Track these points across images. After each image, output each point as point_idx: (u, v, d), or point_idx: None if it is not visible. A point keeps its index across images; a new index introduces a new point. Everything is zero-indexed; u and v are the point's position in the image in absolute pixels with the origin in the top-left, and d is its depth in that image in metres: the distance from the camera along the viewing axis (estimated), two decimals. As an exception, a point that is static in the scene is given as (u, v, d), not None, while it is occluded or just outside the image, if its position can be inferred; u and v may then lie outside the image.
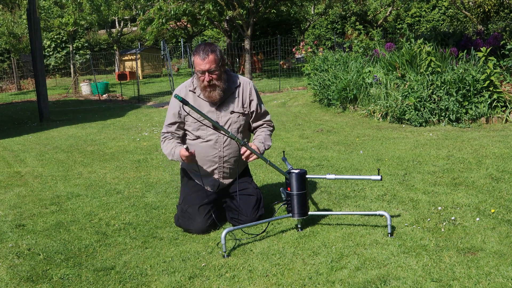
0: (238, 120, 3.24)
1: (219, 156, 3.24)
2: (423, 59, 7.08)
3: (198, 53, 3.05)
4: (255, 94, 3.32)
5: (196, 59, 3.06)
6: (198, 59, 3.05)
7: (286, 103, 10.23)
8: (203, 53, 3.04)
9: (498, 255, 2.59)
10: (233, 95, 3.24)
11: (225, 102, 3.22)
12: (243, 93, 3.27)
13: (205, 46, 3.07)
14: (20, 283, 2.64)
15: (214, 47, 3.08)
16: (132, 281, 2.61)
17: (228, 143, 3.23)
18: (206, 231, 3.19)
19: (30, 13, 10.14)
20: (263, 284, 2.48)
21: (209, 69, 3.04)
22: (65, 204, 4.02)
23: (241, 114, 3.25)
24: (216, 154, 3.23)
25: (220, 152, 3.23)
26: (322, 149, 5.50)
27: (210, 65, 3.04)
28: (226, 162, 3.26)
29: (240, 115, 3.24)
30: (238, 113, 3.23)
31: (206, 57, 3.03)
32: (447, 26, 23.28)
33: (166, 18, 14.71)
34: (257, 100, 3.32)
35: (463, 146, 5.11)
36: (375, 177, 2.99)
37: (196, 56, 3.06)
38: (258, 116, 3.35)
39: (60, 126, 9.15)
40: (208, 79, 3.06)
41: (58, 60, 24.53)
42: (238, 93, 3.26)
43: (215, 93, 3.13)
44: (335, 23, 26.23)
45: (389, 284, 2.38)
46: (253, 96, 3.30)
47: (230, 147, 3.24)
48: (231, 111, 3.22)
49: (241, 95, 3.26)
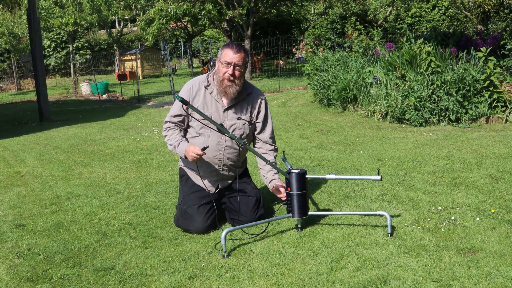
0: (243, 127, 3.25)
1: (219, 159, 3.24)
2: (423, 59, 7.08)
3: (231, 47, 3.12)
4: (265, 107, 3.33)
5: (228, 51, 3.10)
6: (230, 51, 3.10)
7: (286, 103, 10.23)
8: (237, 47, 3.11)
9: (498, 255, 2.59)
10: (243, 102, 3.25)
11: (234, 107, 3.22)
12: (253, 102, 3.29)
13: (239, 45, 3.16)
14: (20, 283, 2.64)
15: (247, 50, 3.20)
16: (132, 281, 2.61)
17: (229, 146, 3.23)
18: (205, 231, 3.19)
19: (30, 13, 10.14)
20: (263, 284, 2.48)
21: (237, 63, 3.08)
22: (65, 204, 4.02)
23: (247, 122, 3.26)
24: (216, 156, 3.23)
25: (220, 155, 3.23)
26: (322, 149, 5.50)
27: (239, 60, 3.09)
28: (225, 164, 3.26)
29: (246, 122, 3.25)
30: (244, 121, 3.24)
31: (238, 52, 3.10)
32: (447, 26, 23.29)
33: (166, 18, 14.72)
34: (265, 113, 3.33)
35: (463, 146, 5.11)
36: (375, 177, 2.99)
37: (228, 48, 3.11)
38: (262, 130, 3.34)
39: (60, 126, 9.15)
40: (232, 72, 3.09)
41: (58, 60, 24.53)
42: (249, 101, 3.27)
43: (232, 89, 3.14)
44: (335, 23, 26.24)
45: (389, 284, 2.38)
46: (262, 108, 3.32)
47: (230, 150, 3.24)
48: (238, 117, 3.23)
49: (251, 104, 3.28)
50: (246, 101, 3.26)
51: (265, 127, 3.35)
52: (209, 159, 3.24)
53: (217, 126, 2.93)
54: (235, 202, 3.26)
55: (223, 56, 3.12)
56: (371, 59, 8.59)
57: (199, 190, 3.30)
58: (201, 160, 3.22)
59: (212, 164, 3.25)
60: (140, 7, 16.42)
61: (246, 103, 3.26)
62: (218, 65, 3.16)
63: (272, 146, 3.38)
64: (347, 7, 24.07)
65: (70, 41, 20.07)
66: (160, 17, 14.66)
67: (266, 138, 3.35)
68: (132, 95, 15.09)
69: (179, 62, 27.29)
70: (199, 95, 3.21)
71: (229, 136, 2.92)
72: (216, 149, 3.22)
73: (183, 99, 2.80)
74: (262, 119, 3.32)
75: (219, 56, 3.17)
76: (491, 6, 18.91)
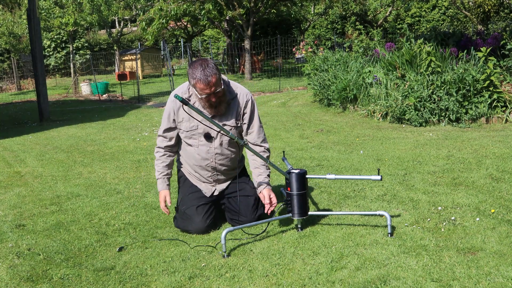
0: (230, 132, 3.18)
1: (212, 166, 3.21)
2: (423, 59, 7.09)
3: (199, 78, 2.90)
4: (250, 107, 3.18)
5: (199, 85, 2.91)
6: (201, 84, 2.91)
7: (286, 103, 10.23)
8: (204, 77, 2.89)
9: (498, 255, 2.59)
10: (228, 107, 3.14)
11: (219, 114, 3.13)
12: (238, 105, 3.16)
13: (203, 70, 2.90)
14: (20, 283, 2.64)
15: (211, 66, 2.92)
16: (132, 281, 2.61)
17: (220, 153, 3.19)
18: (205, 231, 3.19)
19: (30, 13, 10.13)
20: (263, 284, 2.48)
21: (214, 91, 2.95)
22: (65, 204, 4.02)
23: (233, 127, 3.16)
24: (208, 164, 3.20)
25: (212, 163, 3.20)
26: (322, 149, 5.50)
27: (215, 87, 2.94)
28: (219, 170, 3.24)
29: (232, 128, 3.15)
30: (230, 126, 3.14)
31: (210, 80, 2.90)
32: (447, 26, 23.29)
33: (166, 18, 14.72)
34: (250, 114, 3.19)
35: (463, 146, 5.11)
36: (375, 177, 2.99)
37: (197, 81, 2.91)
38: (248, 130, 3.22)
39: (60, 126, 9.15)
40: (215, 99, 2.99)
41: (58, 60, 24.53)
42: (234, 106, 3.16)
43: (221, 108, 3.08)
44: (335, 23, 26.24)
45: (389, 284, 2.38)
46: (248, 109, 3.18)
47: (221, 156, 3.20)
48: (223, 123, 3.12)
49: (236, 108, 3.16)
50: (231, 107, 3.15)
51: (252, 128, 3.22)
52: (202, 168, 3.22)
53: (217, 126, 2.92)
54: (235, 202, 3.26)
55: (198, 89, 2.94)
56: (371, 59, 8.59)
57: (198, 191, 3.30)
58: (194, 168, 3.23)
59: (206, 171, 3.24)
60: (140, 7, 16.42)
61: (231, 108, 3.15)
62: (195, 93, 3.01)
63: (261, 147, 3.24)
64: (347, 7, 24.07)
65: (70, 41, 20.06)
66: (160, 17, 14.66)
67: (254, 138, 3.23)
68: (132, 95, 15.09)
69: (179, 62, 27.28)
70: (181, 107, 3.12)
71: (229, 136, 2.91)
72: (207, 157, 3.19)
73: (183, 99, 2.78)
74: (248, 120, 3.20)
75: (192, 87, 2.99)
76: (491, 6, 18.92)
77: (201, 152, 3.18)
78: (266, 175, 3.21)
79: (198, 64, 2.94)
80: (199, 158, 3.19)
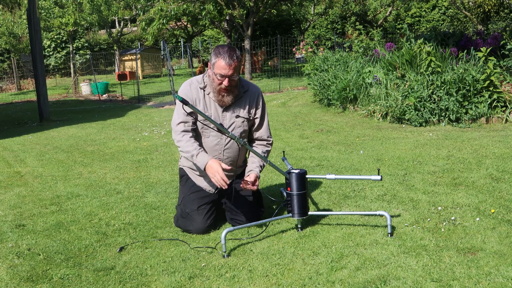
0: (242, 125, 3.23)
1: (219, 159, 3.23)
2: (423, 59, 7.08)
3: (223, 57, 2.96)
4: (262, 103, 3.30)
5: (220, 62, 2.96)
6: (222, 62, 2.96)
7: (286, 103, 10.23)
8: (229, 58, 2.95)
9: (498, 255, 2.59)
10: (241, 100, 3.22)
11: (232, 105, 3.20)
12: (250, 99, 3.26)
13: (231, 51, 2.98)
14: (20, 283, 2.64)
15: (238, 54, 3.02)
16: (132, 281, 2.61)
17: (229, 146, 3.23)
18: (205, 231, 3.19)
19: (30, 13, 10.14)
20: (263, 284, 2.48)
21: (231, 75, 3.00)
22: (65, 204, 4.02)
23: (246, 119, 3.24)
24: (216, 156, 3.23)
25: (220, 155, 3.23)
26: (322, 149, 5.50)
27: (233, 72, 2.99)
28: (225, 164, 3.25)
29: (244, 120, 3.23)
30: (243, 118, 3.22)
31: (232, 63, 2.96)
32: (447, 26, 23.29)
33: (166, 18, 14.72)
34: (262, 109, 3.31)
35: (463, 146, 5.11)
36: (375, 177, 2.99)
37: (220, 59, 2.96)
38: (260, 125, 3.32)
39: (60, 126, 9.15)
40: (227, 84, 3.03)
41: (58, 60, 24.54)
42: (246, 98, 3.24)
43: (228, 98, 3.12)
44: (335, 23, 26.24)
45: (389, 284, 2.38)
46: (260, 104, 3.29)
47: (230, 150, 3.24)
48: (237, 115, 3.21)
49: (249, 101, 3.25)
50: (244, 99, 3.24)
51: (263, 123, 3.34)
52: None
53: (217, 126, 2.93)
54: (235, 202, 3.26)
55: (216, 67, 3.00)
56: (371, 59, 8.58)
57: (199, 191, 3.30)
58: None
59: None
60: (140, 7, 16.42)
61: (243, 101, 3.24)
62: (212, 73, 3.07)
63: (270, 139, 3.38)
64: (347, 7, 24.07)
65: (70, 41, 20.08)
66: (160, 17, 14.66)
67: (263, 133, 3.34)
68: (132, 95, 15.09)
69: (179, 62, 27.29)
70: (198, 97, 3.18)
71: (229, 136, 2.91)
72: (216, 149, 3.22)
73: (183, 99, 2.80)
74: (260, 115, 3.30)
75: (212, 65, 3.04)
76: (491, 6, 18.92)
77: (211, 143, 3.20)
78: (258, 165, 3.23)
79: (227, 46, 3.06)
80: (208, 150, 3.20)
